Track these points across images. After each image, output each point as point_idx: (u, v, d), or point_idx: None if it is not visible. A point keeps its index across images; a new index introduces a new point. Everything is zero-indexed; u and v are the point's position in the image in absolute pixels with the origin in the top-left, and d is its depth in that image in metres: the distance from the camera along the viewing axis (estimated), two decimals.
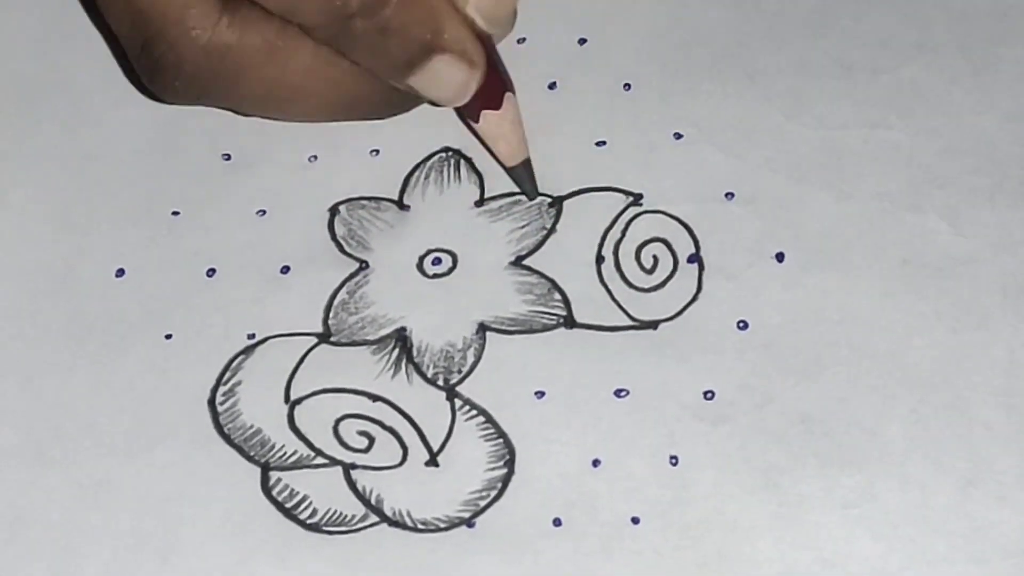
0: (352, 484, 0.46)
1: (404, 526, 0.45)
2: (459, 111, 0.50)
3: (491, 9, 0.48)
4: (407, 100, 0.49)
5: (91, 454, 0.46)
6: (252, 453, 0.46)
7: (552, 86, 0.52)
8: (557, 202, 0.49)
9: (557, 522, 0.45)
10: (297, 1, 0.45)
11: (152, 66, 0.46)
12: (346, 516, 0.45)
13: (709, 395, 0.46)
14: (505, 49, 0.51)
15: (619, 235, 0.49)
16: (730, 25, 0.52)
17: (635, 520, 0.45)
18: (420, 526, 0.45)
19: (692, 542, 0.44)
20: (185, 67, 0.46)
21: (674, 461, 0.45)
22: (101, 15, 0.48)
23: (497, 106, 0.48)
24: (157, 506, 0.45)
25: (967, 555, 0.44)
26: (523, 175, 0.49)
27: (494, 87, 0.48)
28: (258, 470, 0.46)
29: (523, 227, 0.49)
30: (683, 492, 0.45)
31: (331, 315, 0.48)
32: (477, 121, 0.49)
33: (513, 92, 0.49)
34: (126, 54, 0.48)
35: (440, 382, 0.47)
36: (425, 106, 0.50)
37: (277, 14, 0.46)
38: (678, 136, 0.50)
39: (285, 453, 0.46)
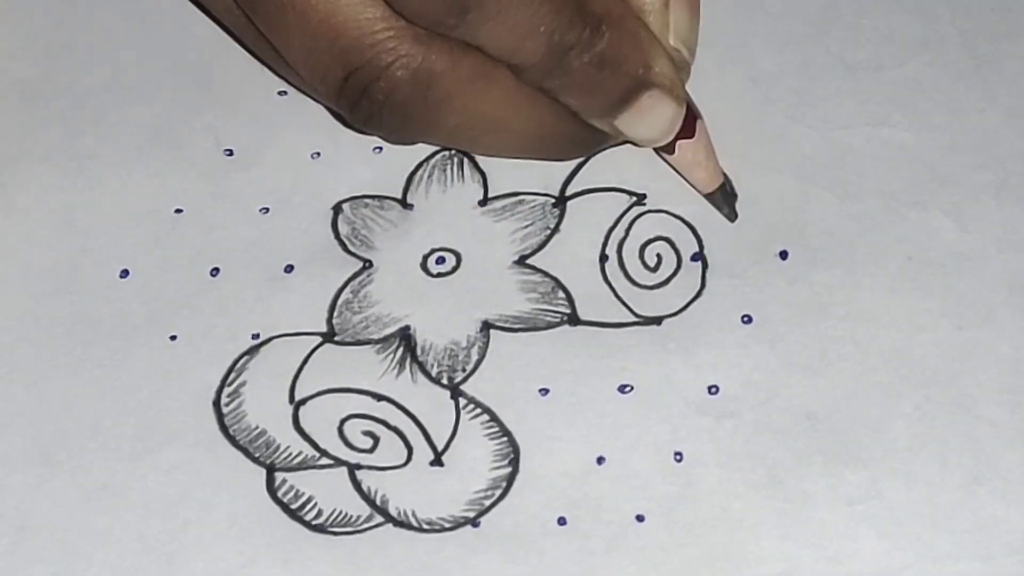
0: (357, 484, 0.46)
1: (409, 526, 0.45)
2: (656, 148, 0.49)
3: (689, 39, 0.48)
4: (598, 141, 0.49)
5: (96, 457, 0.46)
6: (257, 454, 0.46)
7: None
8: (561, 202, 0.50)
9: (562, 521, 0.45)
10: (518, 38, 0.44)
11: (359, 96, 0.46)
12: (351, 516, 0.45)
13: (713, 390, 0.46)
14: None
15: (623, 234, 0.49)
16: (732, 25, 0.52)
17: (640, 518, 0.45)
18: (425, 526, 0.45)
19: (697, 539, 0.44)
20: (394, 95, 0.45)
21: (679, 457, 0.45)
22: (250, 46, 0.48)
23: (691, 134, 0.48)
24: (162, 508, 0.45)
25: (972, 552, 0.44)
26: (721, 200, 0.49)
27: (688, 116, 0.48)
28: (263, 471, 0.46)
29: (527, 227, 0.49)
30: (688, 489, 0.45)
31: (335, 314, 0.48)
32: (673, 152, 0.48)
33: (702, 118, 0.48)
34: (308, 89, 0.47)
35: (444, 381, 0.47)
36: None
37: (494, 56, 0.45)
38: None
39: (290, 454, 0.46)
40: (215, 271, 0.49)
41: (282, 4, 0.45)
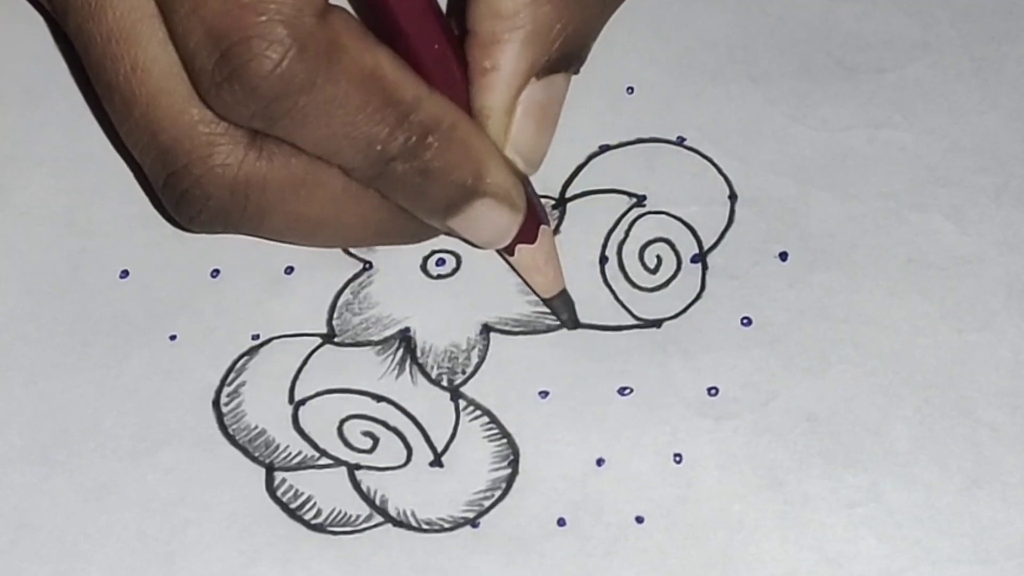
0: (356, 484, 0.46)
1: (408, 526, 0.45)
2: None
3: (531, 151, 0.47)
4: (435, 231, 0.48)
5: (96, 456, 0.46)
6: (256, 454, 0.46)
7: None
8: (560, 203, 0.49)
9: (562, 522, 0.45)
10: (337, 145, 0.44)
11: (177, 199, 0.45)
12: (350, 516, 0.45)
13: (713, 392, 0.46)
14: None
15: (623, 236, 0.49)
16: (733, 28, 0.52)
17: (639, 519, 0.45)
18: (424, 526, 0.45)
19: (697, 541, 0.44)
20: (211, 203, 0.45)
21: (678, 459, 0.45)
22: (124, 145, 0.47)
23: (532, 240, 0.47)
24: (162, 508, 0.45)
25: (972, 555, 0.44)
26: (560, 306, 0.48)
27: (530, 222, 0.47)
28: (263, 471, 0.46)
29: None
30: (687, 491, 0.45)
31: (335, 315, 0.48)
32: (512, 255, 0.48)
33: (548, 224, 0.48)
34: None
35: (444, 383, 0.47)
36: None
37: (314, 155, 0.44)
38: (681, 139, 0.50)
39: (289, 454, 0.46)
40: (215, 272, 0.49)
41: (111, 85, 0.44)
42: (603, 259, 0.49)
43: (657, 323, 0.47)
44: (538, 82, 0.46)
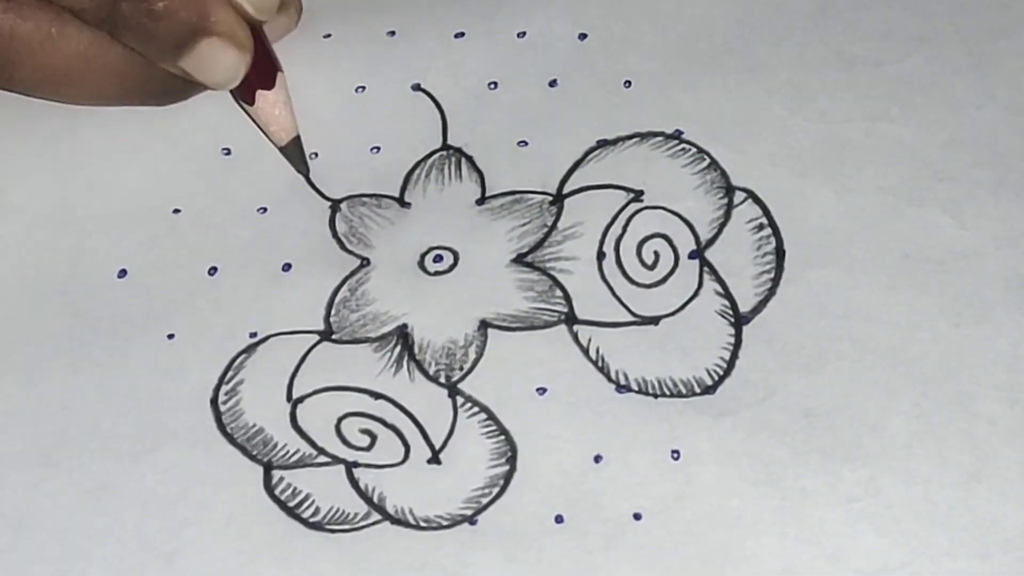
0: (354, 482, 0.46)
1: (406, 524, 0.45)
2: (235, 95, 0.50)
3: None
4: (184, 87, 0.50)
5: (94, 456, 0.46)
6: (255, 452, 0.46)
7: (552, 83, 0.51)
8: (558, 199, 0.49)
9: (559, 519, 0.45)
10: None
11: None
12: (348, 514, 0.45)
13: (711, 389, 0.46)
14: (504, 45, 0.51)
15: (620, 231, 0.49)
16: (730, 20, 0.52)
17: (637, 516, 0.45)
18: (422, 524, 0.45)
19: (695, 538, 0.44)
20: None
21: (676, 456, 0.45)
22: None
23: (270, 86, 0.50)
24: (160, 507, 0.45)
25: (970, 550, 0.44)
26: (294, 154, 0.50)
27: (266, 69, 0.49)
28: (260, 469, 0.46)
29: (524, 224, 0.49)
30: (685, 487, 0.45)
31: (332, 312, 0.48)
32: (251, 103, 0.50)
33: (283, 72, 0.50)
34: None
35: (442, 379, 0.47)
36: (424, 104, 0.50)
37: (57, 6, 0.47)
38: (679, 132, 0.50)
39: (287, 452, 0.46)
40: (213, 270, 0.49)
41: None
42: (600, 255, 0.49)
43: (655, 320, 0.47)
44: None
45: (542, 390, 0.47)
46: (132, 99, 0.50)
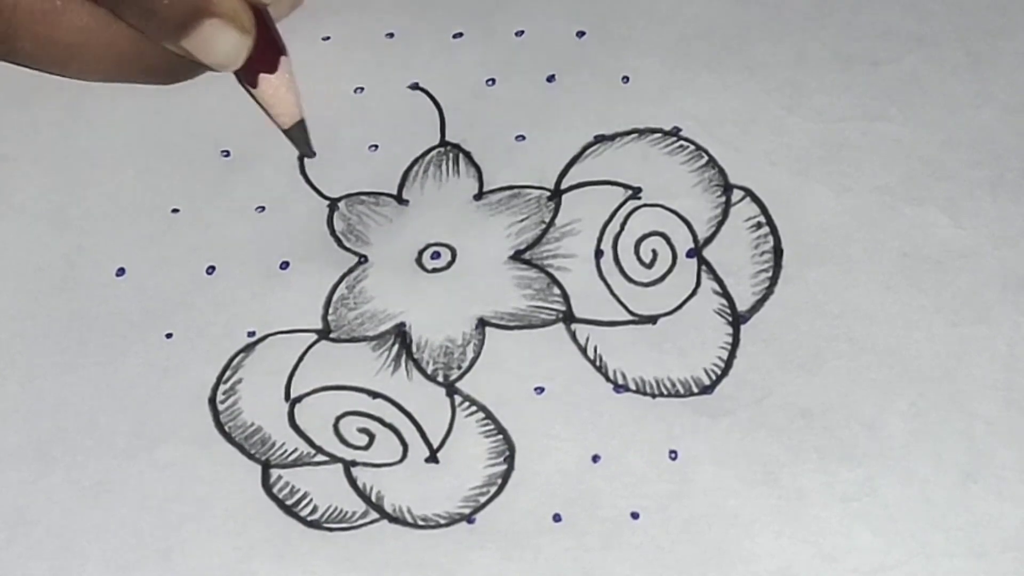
0: (352, 481, 0.46)
1: (404, 522, 0.45)
2: (239, 77, 0.50)
3: None
4: (186, 66, 0.50)
5: (92, 454, 0.46)
6: (253, 451, 0.46)
7: (551, 79, 0.51)
8: (556, 196, 0.49)
9: (557, 518, 0.45)
10: None
11: None
12: (347, 513, 0.45)
13: (708, 388, 0.46)
14: (503, 44, 0.51)
15: (618, 228, 0.49)
16: (729, 18, 0.52)
17: (635, 515, 0.45)
18: (420, 522, 0.45)
19: (692, 537, 0.44)
20: None
21: (673, 456, 0.45)
22: None
23: (273, 69, 0.49)
24: (158, 505, 0.46)
25: (967, 549, 0.44)
26: (299, 136, 0.50)
27: (270, 52, 0.49)
28: (259, 468, 0.46)
29: (522, 221, 0.49)
30: (683, 487, 0.45)
31: (330, 311, 0.48)
32: (255, 86, 0.50)
33: (287, 55, 0.50)
34: None
35: (440, 378, 0.47)
36: (422, 102, 0.50)
37: None
38: (677, 129, 0.50)
39: (286, 451, 0.46)
40: (211, 269, 0.49)
41: None
42: (598, 252, 0.49)
43: (652, 319, 0.47)
44: None
45: (540, 389, 0.47)
46: (134, 76, 0.50)
